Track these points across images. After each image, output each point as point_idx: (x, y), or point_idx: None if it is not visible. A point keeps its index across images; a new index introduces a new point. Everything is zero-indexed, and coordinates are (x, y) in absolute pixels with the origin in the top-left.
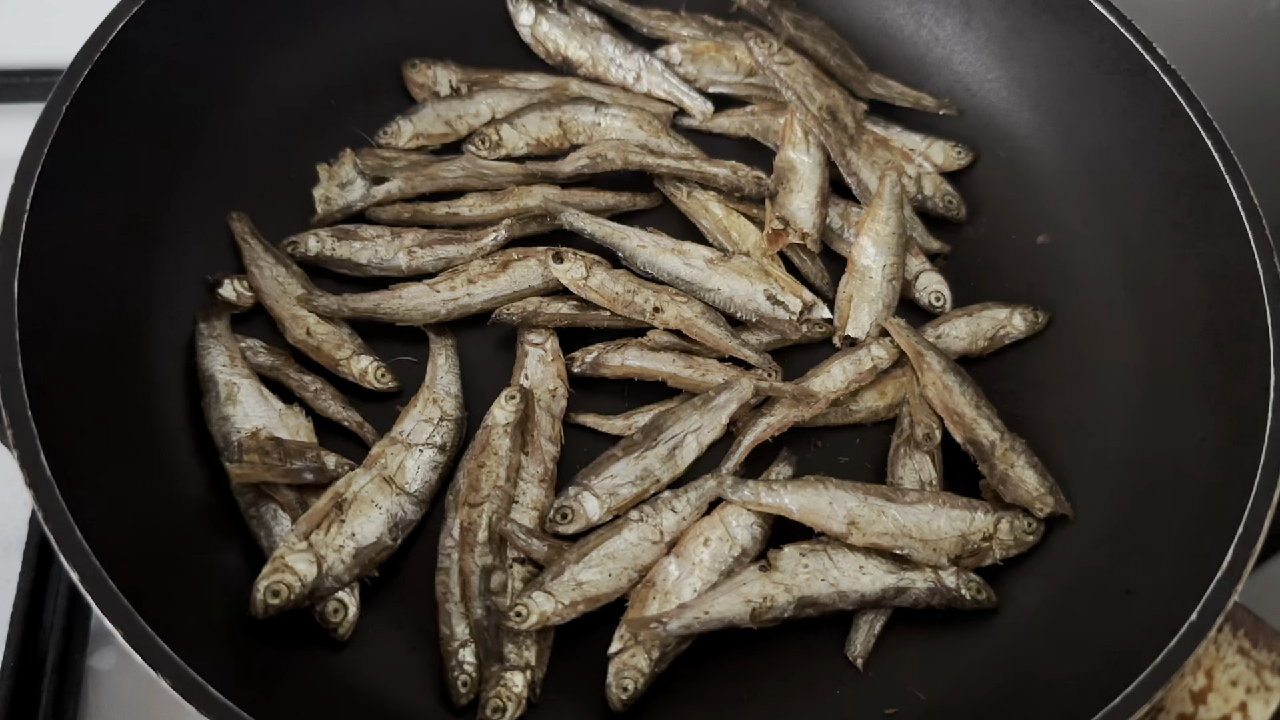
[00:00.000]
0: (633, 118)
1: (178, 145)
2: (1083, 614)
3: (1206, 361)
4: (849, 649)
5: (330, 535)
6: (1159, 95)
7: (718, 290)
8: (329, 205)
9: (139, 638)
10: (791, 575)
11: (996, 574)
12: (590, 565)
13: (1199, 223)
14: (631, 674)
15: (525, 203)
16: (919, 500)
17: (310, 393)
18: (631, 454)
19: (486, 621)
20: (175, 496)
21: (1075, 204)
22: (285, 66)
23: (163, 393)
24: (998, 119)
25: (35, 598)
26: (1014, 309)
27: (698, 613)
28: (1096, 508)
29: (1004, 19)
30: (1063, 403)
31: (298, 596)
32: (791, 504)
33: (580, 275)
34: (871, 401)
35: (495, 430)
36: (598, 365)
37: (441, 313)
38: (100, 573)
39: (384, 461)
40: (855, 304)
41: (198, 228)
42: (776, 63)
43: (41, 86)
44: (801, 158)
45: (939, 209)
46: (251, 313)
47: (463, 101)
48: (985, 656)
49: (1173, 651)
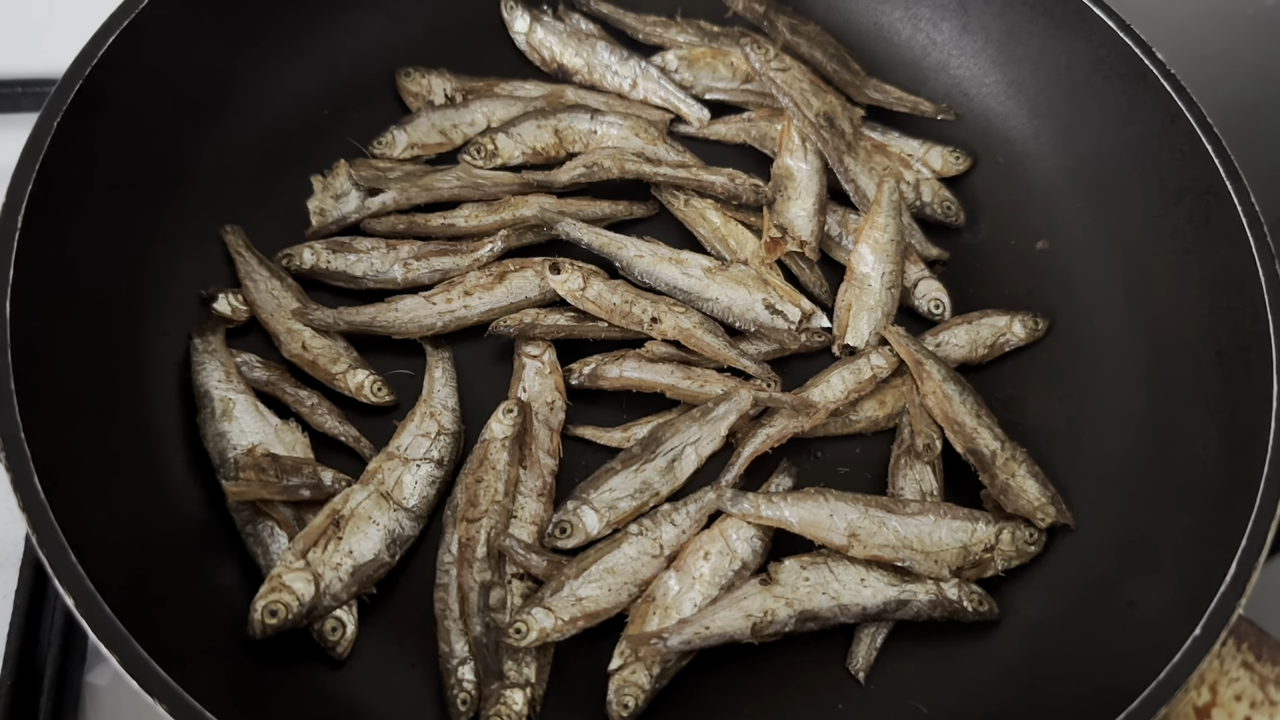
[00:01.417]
0: (629, 125)
1: (171, 157)
2: (1085, 626)
3: (1208, 369)
4: (851, 662)
5: (328, 553)
6: (1158, 100)
7: (716, 300)
8: (323, 217)
9: (135, 663)
10: (792, 589)
11: (998, 585)
12: (590, 580)
13: (1199, 228)
14: (632, 691)
15: (521, 213)
16: (920, 511)
17: (306, 408)
18: (630, 467)
19: (486, 638)
20: (171, 515)
21: (1074, 209)
22: (278, 76)
23: (157, 410)
24: (996, 124)
25: (32, 614)
26: (1014, 316)
27: (698, 628)
28: (1098, 518)
29: (1001, 23)
30: (1063, 410)
31: (296, 616)
32: (792, 517)
33: (577, 286)
34: (871, 411)
35: (493, 444)
36: (595, 377)
37: (438, 325)
38: (96, 598)
39: (381, 477)
40: (854, 312)
41: (191, 241)
42: (773, 69)
43: (33, 97)
44: (799, 164)
45: (937, 215)
46: (246, 327)
47: (457, 110)
48: (987, 669)
49: (1176, 667)
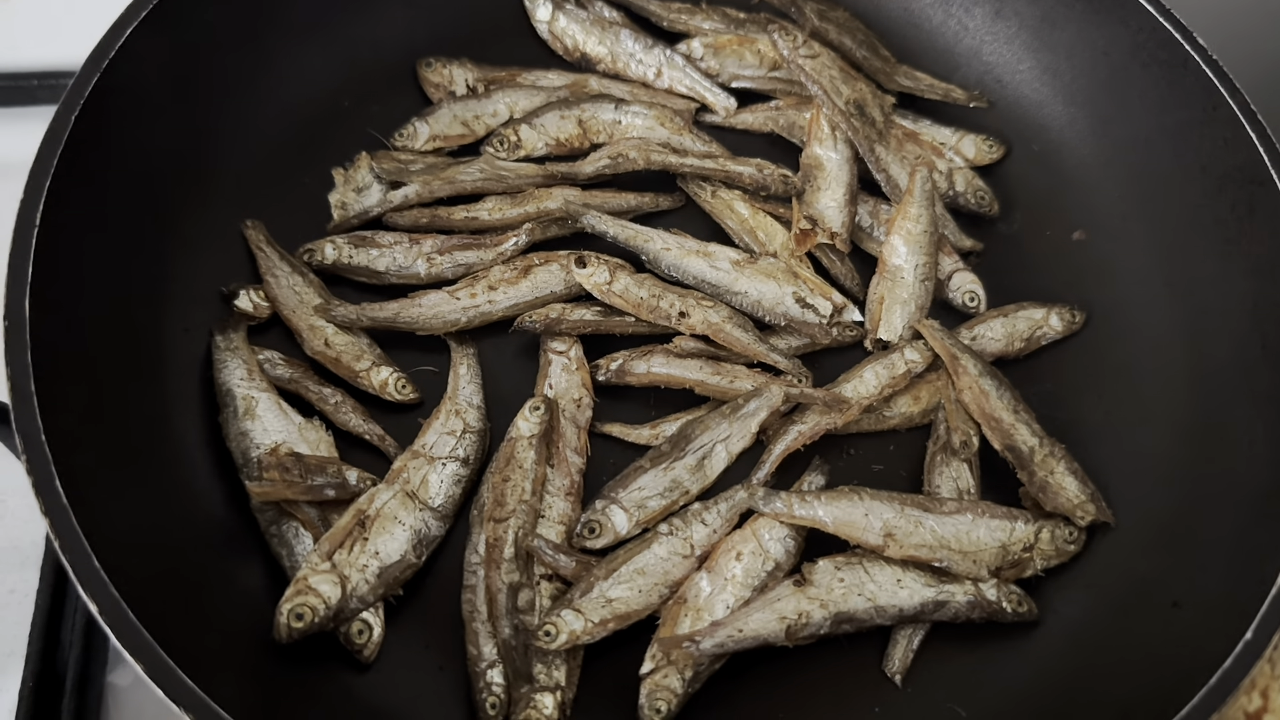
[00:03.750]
0: (654, 115)
1: (190, 151)
2: (1128, 627)
3: (1253, 364)
4: (887, 665)
5: (353, 554)
6: (1200, 87)
7: (745, 293)
8: (345, 211)
9: (160, 670)
10: (827, 590)
11: (1037, 584)
12: (620, 581)
13: (1243, 218)
14: (664, 695)
15: (545, 205)
16: (957, 510)
17: (330, 405)
18: (659, 465)
19: (514, 641)
20: (194, 516)
21: (1112, 199)
22: (298, 68)
23: (179, 409)
24: (1030, 111)
25: (54, 614)
26: (1050, 308)
27: (731, 631)
28: (1140, 515)
29: (1036, 7)
30: (1102, 405)
31: (322, 619)
32: (826, 516)
33: (604, 280)
34: (905, 407)
35: (520, 443)
36: (623, 373)
37: (462, 320)
38: (120, 604)
39: (406, 476)
40: (887, 305)
41: (212, 237)
42: (801, 56)
43: (48, 90)
44: (829, 154)
45: (971, 205)
46: (268, 324)
47: (480, 101)
48: (1027, 671)
49: (1228, 671)
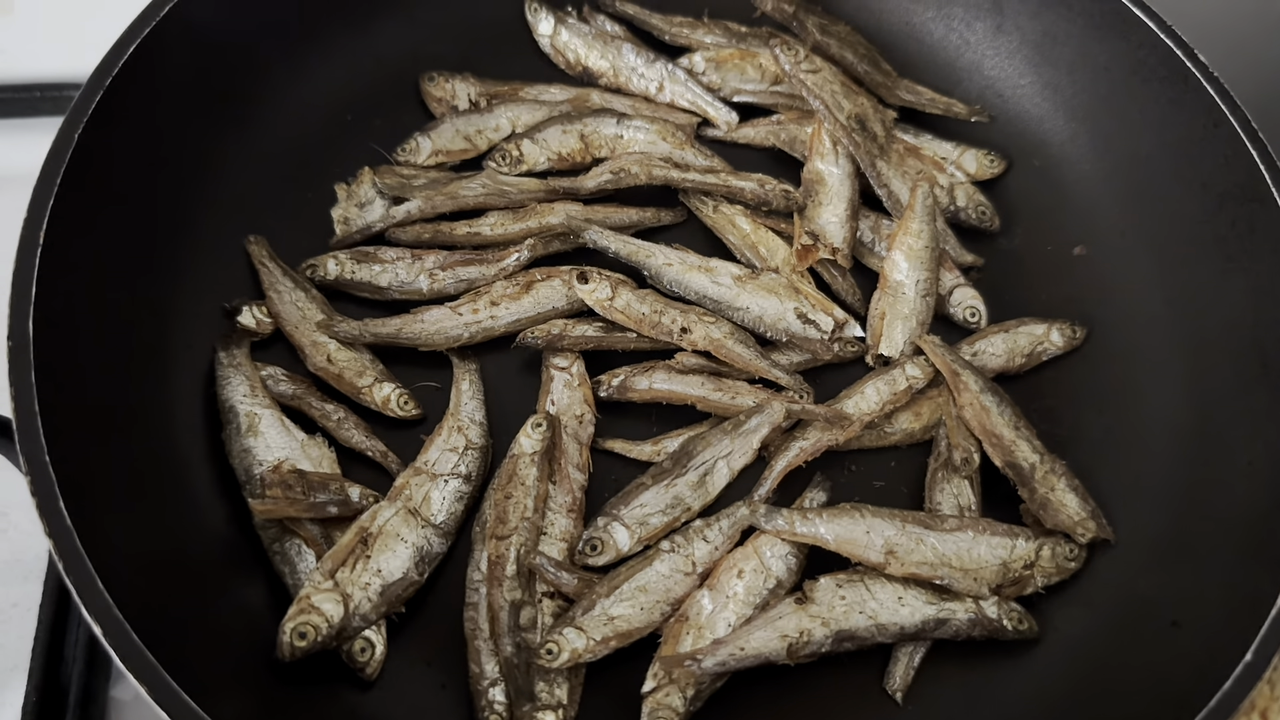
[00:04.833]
0: (656, 129)
1: (193, 166)
2: (1128, 646)
3: (1253, 381)
4: (888, 682)
5: (356, 572)
6: (1201, 104)
7: (746, 309)
8: (348, 226)
9: (162, 691)
10: (828, 608)
11: (1037, 601)
12: (621, 599)
13: (1243, 236)
14: (666, 714)
15: (547, 220)
16: (958, 528)
17: (333, 422)
18: (661, 481)
19: (517, 658)
20: (196, 533)
21: (1112, 215)
22: (301, 82)
23: (182, 426)
24: (1031, 126)
25: (57, 628)
26: (1051, 324)
27: (733, 649)
28: (1140, 533)
29: (1037, 23)
30: (1103, 421)
31: (325, 638)
32: (827, 534)
33: (606, 296)
34: (907, 423)
35: (522, 460)
36: (625, 389)
37: (464, 336)
38: (122, 624)
39: (409, 493)
40: (888, 321)
41: (215, 252)
42: (803, 70)
43: (51, 101)
44: (830, 169)
45: (972, 220)
46: (271, 340)
47: (482, 115)
48: (1027, 689)
49: (1229, 693)
